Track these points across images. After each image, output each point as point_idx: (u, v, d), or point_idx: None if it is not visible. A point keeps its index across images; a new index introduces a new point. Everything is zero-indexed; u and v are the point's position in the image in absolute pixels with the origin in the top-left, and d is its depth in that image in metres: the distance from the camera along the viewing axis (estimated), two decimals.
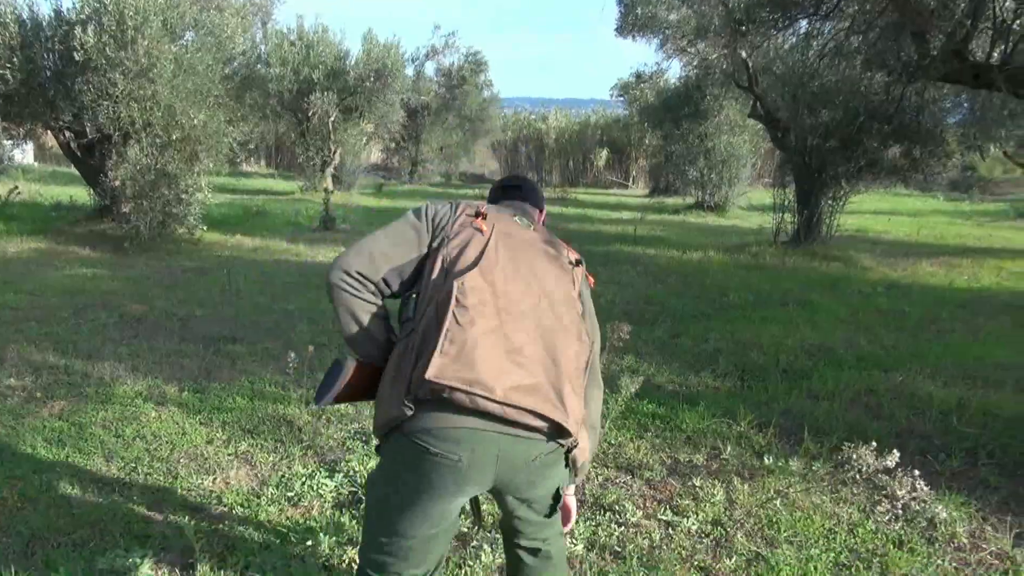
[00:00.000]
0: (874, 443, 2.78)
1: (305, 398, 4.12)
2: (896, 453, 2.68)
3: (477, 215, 1.81)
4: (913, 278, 8.69)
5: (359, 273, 1.74)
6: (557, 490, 1.81)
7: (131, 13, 8.10)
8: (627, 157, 25.38)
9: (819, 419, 4.10)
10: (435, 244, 1.77)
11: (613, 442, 3.74)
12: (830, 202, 10.39)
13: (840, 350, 5.47)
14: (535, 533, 1.89)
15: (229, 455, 3.51)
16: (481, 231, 1.77)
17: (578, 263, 1.90)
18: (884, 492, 3.16)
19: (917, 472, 2.75)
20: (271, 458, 3.49)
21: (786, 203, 10.65)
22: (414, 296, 1.74)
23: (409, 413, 1.60)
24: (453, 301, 1.60)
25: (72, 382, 4.42)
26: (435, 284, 1.71)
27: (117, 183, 8.73)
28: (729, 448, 3.70)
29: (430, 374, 1.54)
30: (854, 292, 7.70)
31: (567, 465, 1.77)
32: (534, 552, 1.91)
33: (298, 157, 17.30)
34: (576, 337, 1.73)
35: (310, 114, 16.28)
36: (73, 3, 8.97)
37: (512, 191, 2.10)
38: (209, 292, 6.95)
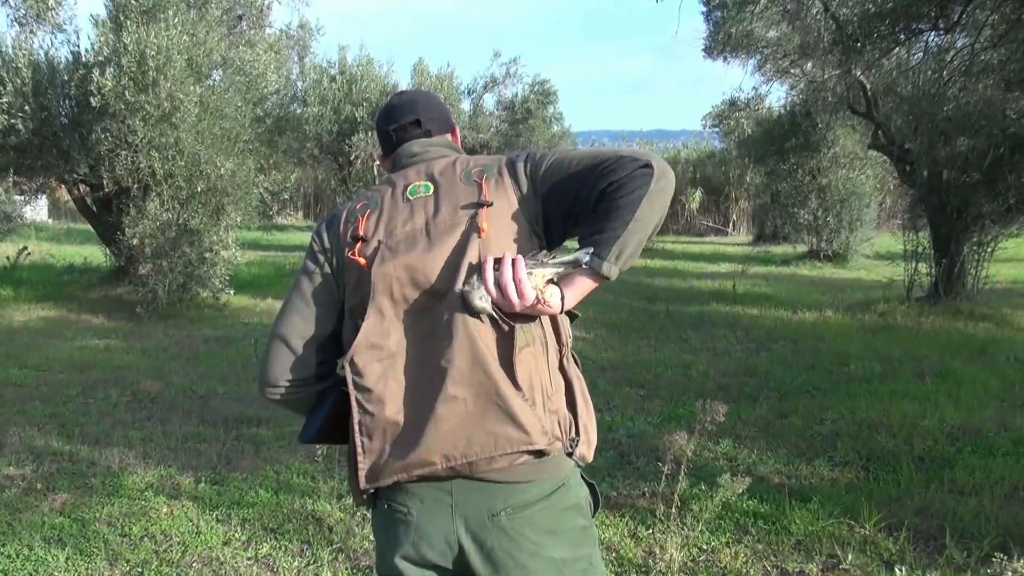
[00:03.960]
0: None
1: (337, 491, 4.18)
2: None
3: (356, 239, 1.73)
4: None
5: (289, 381, 1.78)
6: None
7: (153, 53, 8.62)
8: (725, 198, 25.35)
9: (965, 519, 3.93)
10: (341, 291, 1.78)
11: (705, 547, 3.66)
12: (975, 248, 10.11)
13: (991, 432, 5.25)
14: None
15: (248, 559, 3.57)
16: (360, 264, 1.71)
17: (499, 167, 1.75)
18: None
19: None
20: (296, 563, 3.53)
21: (920, 250, 10.39)
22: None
23: (366, 497, 1.76)
24: (352, 389, 1.69)
25: (77, 471, 4.59)
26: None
27: (135, 241, 9.17)
28: (851, 556, 3.58)
29: (364, 484, 1.70)
30: (1009, 359, 7.41)
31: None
32: None
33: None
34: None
35: (352, 158, 16.85)
36: (91, 45, 9.60)
37: (405, 131, 1.87)
38: (233, 366, 7.16)
